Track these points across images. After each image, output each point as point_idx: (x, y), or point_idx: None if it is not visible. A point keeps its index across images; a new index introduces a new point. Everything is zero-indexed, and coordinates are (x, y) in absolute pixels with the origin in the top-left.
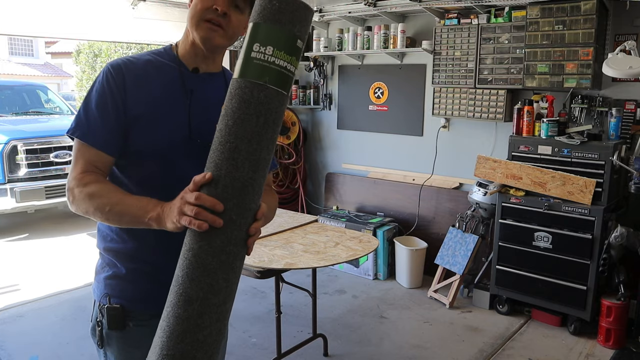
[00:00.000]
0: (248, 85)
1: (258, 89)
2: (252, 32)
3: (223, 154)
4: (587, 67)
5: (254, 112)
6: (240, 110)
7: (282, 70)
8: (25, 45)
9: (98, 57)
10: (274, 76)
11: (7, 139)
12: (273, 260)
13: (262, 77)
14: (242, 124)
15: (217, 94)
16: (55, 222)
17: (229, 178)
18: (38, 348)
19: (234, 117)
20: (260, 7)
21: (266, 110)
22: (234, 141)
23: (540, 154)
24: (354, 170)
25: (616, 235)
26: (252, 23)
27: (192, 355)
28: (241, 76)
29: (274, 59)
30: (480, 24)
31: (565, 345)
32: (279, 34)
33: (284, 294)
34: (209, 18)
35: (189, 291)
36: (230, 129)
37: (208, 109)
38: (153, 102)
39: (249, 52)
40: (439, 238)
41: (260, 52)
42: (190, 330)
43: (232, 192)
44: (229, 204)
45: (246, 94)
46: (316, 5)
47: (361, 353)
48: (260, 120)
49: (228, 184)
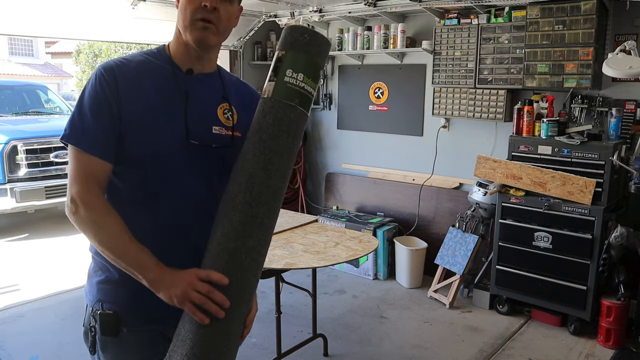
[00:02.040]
0: (282, 105)
1: (290, 110)
2: (287, 59)
3: (258, 164)
4: (587, 67)
5: (286, 129)
6: (274, 127)
7: (308, 94)
8: (25, 45)
9: (98, 57)
10: (302, 99)
11: (7, 139)
12: (273, 260)
13: (294, 99)
14: (276, 139)
15: (213, 94)
16: (55, 222)
17: (263, 186)
18: (38, 348)
19: (269, 132)
20: (292, 38)
21: (295, 128)
22: (268, 153)
23: (540, 154)
24: (354, 170)
25: (616, 235)
26: (286, 51)
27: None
28: (274, 96)
29: (303, 85)
30: (480, 24)
31: (565, 345)
32: (308, 63)
33: (284, 294)
34: (200, 17)
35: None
36: (265, 143)
37: (204, 111)
38: (148, 105)
39: (283, 77)
40: (439, 238)
41: (293, 78)
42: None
43: (265, 198)
44: (261, 209)
45: (280, 113)
46: (316, 5)
47: (361, 353)
48: (290, 136)
49: (262, 191)
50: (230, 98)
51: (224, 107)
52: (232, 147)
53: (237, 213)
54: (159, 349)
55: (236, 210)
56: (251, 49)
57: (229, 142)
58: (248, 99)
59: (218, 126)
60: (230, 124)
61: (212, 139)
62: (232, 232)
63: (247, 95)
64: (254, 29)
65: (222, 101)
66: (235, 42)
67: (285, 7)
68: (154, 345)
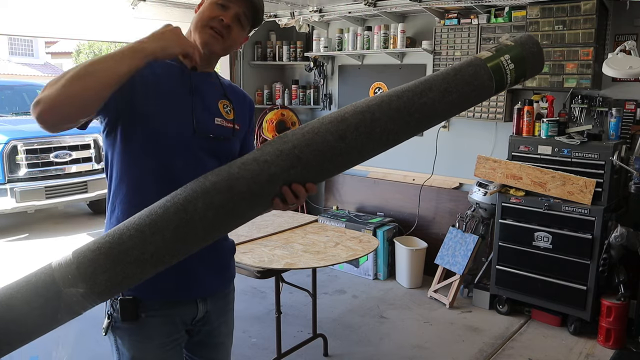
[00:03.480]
0: (486, 69)
1: (488, 77)
2: (512, 49)
3: (439, 88)
4: (587, 67)
5: (474, 85)
6: (471, 77)
7: (504, 83)
8: (25, 45)
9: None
10: (499, 82)
11: (7, 139)
12: (273, 260)
13: (496, 75)
14: (466, 85)
15: (214, 91)
16: (55, 222)
17: (430, 101)
18: (38, 348)
19: (465, 76)
20: (525, 40)
21: (478, 92)
22: (453, 87)
23: (540, 154)
24: (353, 170)
25: (616, 235)
26: (515, 44)
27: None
28: (486, 61)
29: (508, 73)
30: (480, 24)
31: (565, 345)
32: (522, 65)
33: (284, 294)
34: (213, 26)
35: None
36: (457, 79)
37: (208, 104)
38: (161, 97)
39: (500, 56)
40: (439, 238)
41: (507, 62)
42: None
43: (422, 108)
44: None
45: (480, 72)
46: (316, 5)
47: (361, 353)
48: (472, 90)
49: (427, 102)
50: (228, 95)
51: (224, 103)
52: (233, 138)
53: (402, 98)
54: (175, 336)
55: (401, 96)
56: (251, 49)
57: (231, 134)
58: (242, 98)
59: (220, 118)
60: (230, 117)
61: (215, 129)
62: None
63: (241, 96)
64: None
65: (222, 97)
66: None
67: (285, 7)
68: (170, 332)
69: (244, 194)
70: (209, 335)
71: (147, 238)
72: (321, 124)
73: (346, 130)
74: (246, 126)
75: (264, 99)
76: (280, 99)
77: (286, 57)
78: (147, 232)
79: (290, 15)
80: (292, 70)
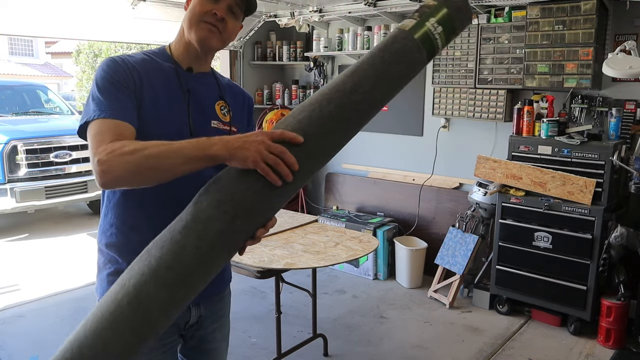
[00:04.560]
0: (413, 41)
1: (417, 50)
2: (435, 9)
3: (369, 76)
4: (587, 67)
5: (404, 62)
6: (398, 54)
7: (436, 48)
8: (25, 45)
9: (98, 57)
10: (430, 49)
11: (7, 139)
12: (273, 260)
13: (425, 44)
14: (395, 65)
15: (211, 92)
16: (55, 222)
17: (366, 94)
18: (38, 348)
19: (392, 55)
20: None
21: (411, 67)
22: (384, 71)
23: (540, 154)
24: (354, 170)
25: (616, 235)
26: (438, 2)
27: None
28: (411, 32)
29: (438, 37)
30: (480, 24)
31: (565, 345)
32: (450, 23)
33: (284, 294)
34: (208, 20)
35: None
36: (385, 62)
37: (204, 108)
38: (155, 99)
39: (425, 21)
40: (439, 238)
41: (433, 27)
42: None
43: (361, 101)
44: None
45: (408, 46)
46: (316, 5)
47: (361, 353)
48: (406, 68)
49: (362, 100)
50: (225, 96)
51: (221, 104)
52: None
53: (332, 103)
54: (167, 340)
55: (331, 100)
56: (251, 49)
57: None
58: (240, 98)
59: (216, 121)
60: (227, 120)
61: (211, 133)
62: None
63: (239, 95)
64: (254, 29)
65: (219, 99)
66: (235, 42)
67: (285, 7)
68: (162, 336)
69: (194, 261)
70: (202, 340)
71: (109, 343)
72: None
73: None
74: (244, 128)
75: (264, 99)
76: (280, 99)
77: (286, 57)
78: (110, 335)
79: (290, 15)
80: (292, 70)
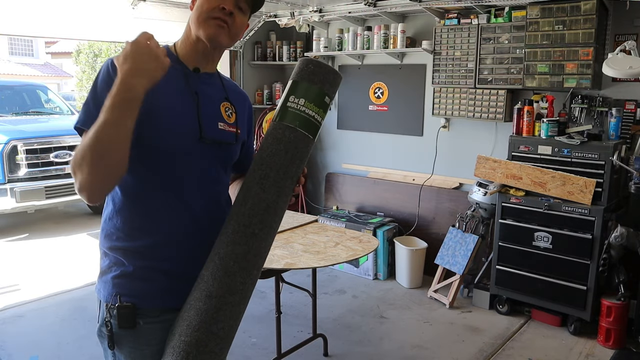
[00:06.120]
0: (282, 127)
1: (289, 131)
2: (291, 87)
3: (254, 179)
4: (587, 67)
5: (284, 148)
6: (273, 146)
7: (310, 118)
8: (25, 45)
9: (98, 57)
10: (303, 122)
11: (7, 139)
12: (273, 260)
13: (294, 122)
14: (272, 157)
15: (216, 93)
16: (55, 222)
17: (256, 198)
18: (38, 348)
19: (267, 150)
20: (299, 68)
21: (293, 148)
22: (264, 169)
23: (540, 154)
24: (354, 170)
25: (616, 235)
26: (292, 80)
27: (205, 344)
28: (278, 120)
29: (304, 109)
30: (480, 24)
31: (565, 345)
32: (311, 90)
33: (284, 294)
34: (216, 16)
35: (211, 288)
36: (262, 160)
37: (211, 108)
38: (163, 101)
39: (286, 102)
40: (439, 238)
41: (294, 103)
42: (207, 322)
43: (257, 210)
44: (254, 220)
45: (279, 134)
46: (316, 5)
47: (361, 353)
48: (288, 155)
49: (255, 203)
50: (229, 97)
51: (226, 106)
52: (235, 143)
53: (232, 222)
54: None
55: (231, 219)
56: (251, 49)
57: (233, 139)
58: (242, 99)
59: (222, 122)
60: (232, 121)
61: (218, 135)
62: (225, 238)
63: (241, 96)
64: (254, 29)
65: (224, 100)
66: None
67: (285, 7)
68: (163, 336)
69: None
70: None
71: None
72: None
73: (210, 288)
74: (245, 130)
75: (264, 99)
76: None
77: (286, 57)
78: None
79: (290, 15)
80: (292, 71)
